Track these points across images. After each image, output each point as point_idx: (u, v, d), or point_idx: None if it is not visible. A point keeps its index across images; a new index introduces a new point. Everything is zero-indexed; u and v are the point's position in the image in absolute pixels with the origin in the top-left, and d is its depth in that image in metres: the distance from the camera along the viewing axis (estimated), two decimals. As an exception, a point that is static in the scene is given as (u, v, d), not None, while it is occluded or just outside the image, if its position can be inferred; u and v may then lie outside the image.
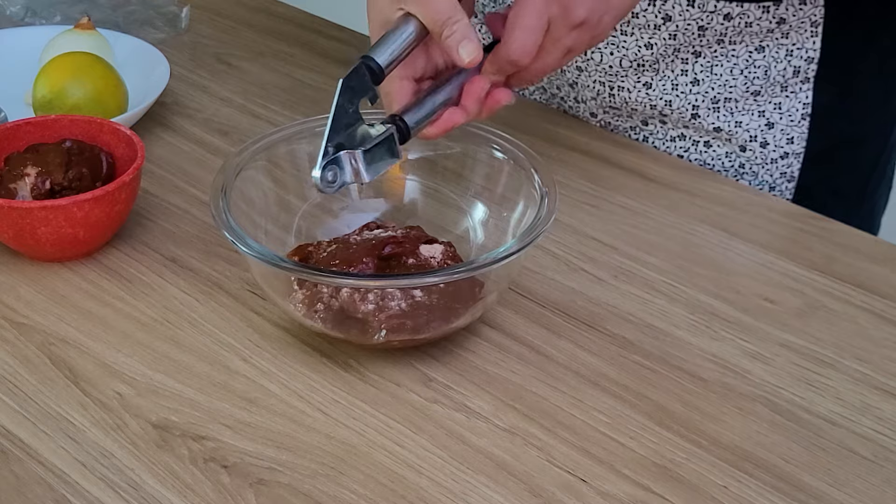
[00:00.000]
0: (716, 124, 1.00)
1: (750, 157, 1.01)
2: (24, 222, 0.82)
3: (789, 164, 1.01)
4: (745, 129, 1.00)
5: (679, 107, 0.99)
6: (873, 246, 0.90)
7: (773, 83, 0.97)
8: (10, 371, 0.76)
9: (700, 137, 1.01)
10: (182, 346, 0.78)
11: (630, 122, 1.03)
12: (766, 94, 0.98)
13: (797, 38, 0.95)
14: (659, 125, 1.02)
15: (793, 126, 0.99)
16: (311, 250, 0.80)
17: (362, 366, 0.76)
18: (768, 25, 0.94)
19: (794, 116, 0.99)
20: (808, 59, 0.96)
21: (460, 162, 0.86)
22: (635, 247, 0.89)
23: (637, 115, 1.02)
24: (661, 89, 0.99)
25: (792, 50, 0.96)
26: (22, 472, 0.68)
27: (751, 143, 1.00)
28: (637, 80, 0.99)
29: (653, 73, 0.98)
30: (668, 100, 0.99)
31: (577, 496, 0.67)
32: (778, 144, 1.00)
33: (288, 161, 0.85)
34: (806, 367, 0.77)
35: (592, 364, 0.77)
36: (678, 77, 0.98)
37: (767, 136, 1.00)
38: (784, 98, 0.98)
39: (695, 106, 0.99)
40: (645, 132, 1.03)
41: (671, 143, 1.02)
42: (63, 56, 1.00)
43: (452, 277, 0.73)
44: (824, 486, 0.69)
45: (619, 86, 1.00)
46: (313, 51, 1.19)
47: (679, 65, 0.98)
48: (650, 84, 0.99)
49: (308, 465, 0.69)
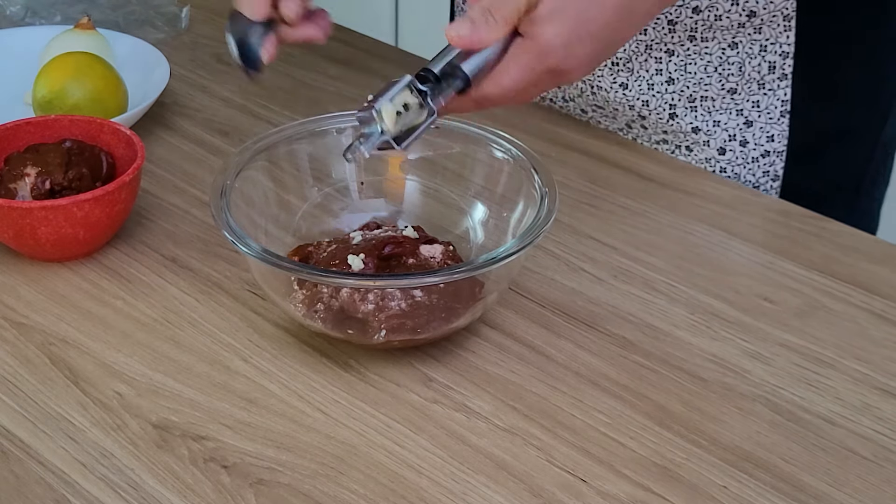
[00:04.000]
0: (694, 124, 1.00)
1: (730, 159, 1.00)
2: (24, 222, 0.82)
3: (772, 163, 1.00)
4: (723, 129, 0.99)
5: (656, 107, 0.99)
6: (873, 246, 0.90)
7: (749, 80, 0.97)
8: (10, 371, 0.76)
9: (680, 142, 1.01)
10: (182, 346, 0.78)
11: (616, 123, 1.04)
12: (744, 92, 0.98)
13: (770, 32, 0.95)
14: (641, 130, 1.02)
15: (772, 123, 0.99)
16: (311, 250, 0.80)
17: (362, 366, 0.76)
18: (739, 19, 0.94)
19: (773, 114, 0.98)
20: (783, 55, 0.95)
21: (460, 162, 0.86)
22: (635, 247, 0.89)
23: (620, 115, 1.02)
24: (637, 89, 0.99)
25: (766, 45, 0.95)
26: (22, 472, 0.68)
27: (730, 142, 1.00)
28: (613, 80, 0.99)
29: (628, 72, 0.99)
30: (644, 100, 0.99)
31: (577, 496, 0.67)
32: (758, 143, 0.99)
33: (288, 161, 0.85)
34: (806, 367, 0.77)
35: (592, 364, 0.77)
36: (653, 77, 0.98)
37: (746, 134, 0.99)
38: (762, 95, 0.98)
39: (672, 105, 0.99)
40: (631, 134, 1.03)
41: (655, 147, 1.02)
42: (63, 56, 1.00)
43: (452, 277, 0.73)
44: (824, 486, 0.69)
45: (597, 85, 1.01)
46: (313, 51, 1.19)
47: (653, 63, 0.98)
48: (626, 85, 0.99)
49: (308, 465, 0.69)
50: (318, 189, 0.86)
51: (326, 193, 0.87)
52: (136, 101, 1.02)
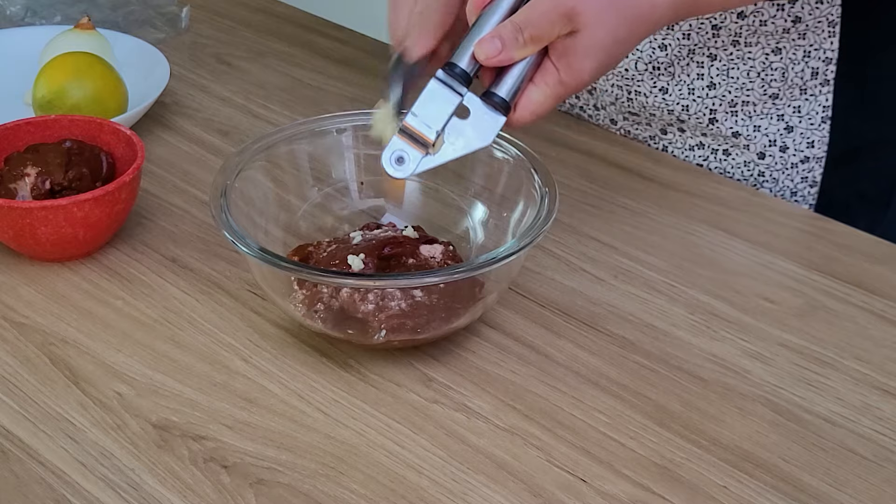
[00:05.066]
0: (734, 129, 0.99)
1: (770, 164, 0.99)
2: (24, 222, 0.82)
3: (810, 169, 0.99)
4: (763, 134, 0.98)
5: (696, 111, 0.99)
6: (873, 246, 0.89)
7: (791, 86, 0.96)
8: (10, 371, 0.76)
9: (718, 146, 1.00)
10: (182, 346, 0.78)
11: (649, 130, 1.03)
12: (785, 98, 0.97)
13: (814, 38, 0.94)
14: (678, 133, 1.01)
15: (813, 129, 0.98)
16: (311, 250, 0.80)
17: (362, 366, 0.76)
18: (784, 25, 0.93)
19: (813, 119, 0.97)
20: (827, 60, 0.95)
21: (460, 162, 0.85)
22: (635, 247, 0.89)
23: (656, 121, 1.01)
24: (677, 94, 0.98)
25: (809, 51, 0.95)
26: (22, 472, 0.68)
27: (770, 147, 0.99)
28: (653, 85, 0.99)
29: (669, 76, 0.98)
30: (685, 104, 0.99)
31: (577, 496, 0.67)
32: (798, 149, 0.99)
33: (288, 161, 0.85)
34: (806, 367, 0.77)
35: (592, 364, 0.77)
36: (694, 81, 0.97)
37: (787, 140, 0.98)
38: (803, 101, 0.97)
39: (712, 110, 0.98)
40: (664, 141, 1.02)
41: (690, 153, 1.02)
42: (63, 56, 1.00)
43: (452, 277, 0.73)
44: (824, 486, 0.69)
45: (636, 90, 1.00)
46: (313, 51, 1.19)
47: (695, 68, 0.97)
48: (666, 89, 0.98)
49: (308, 465, 0.69)
50: (318, 189, 0.86)
51: (326, 193, 0.87)
52: (136, 101, 1.02)
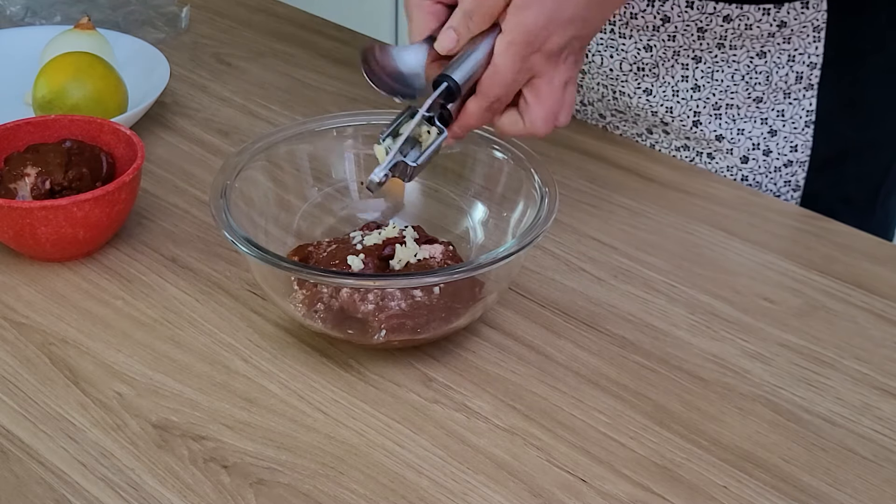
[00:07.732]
0: (717, 132, 0.99)
1: (753, 168, 1.00)
2: (24, 222, 0.82)
3: (793, 173, 1.00)
4: (747, 137, 0.99)
5: (680, 113, 0.99)
6: (873, 246, 0.89)
7: (775, 89, 0.96)
8: (10, 371, 0.76)
9: (703, 149, 1.00)
10: (182, 346, 0.78)
11: (636, 128, 1.03)
12: (769, 101, 0.97)
13: (799, 42, 0.94)
14: (662, 135, 1.01)
15: (796, 133, 0.98)
16: (311, 250, 0.80)
17: (362, 366, 0.76)
18: (769, 29, 0.93)
19: (797, 123, 0.97)
20: (811, 65, 0.95)
21: (460, 162, 0.86)
22: (635, 247, 0.89)
23: (641, 121, 1.02)
24: (661, 95, 0.98)
25: (794, 55, 0.95)
26: (22, 472, 0.68)
27: (753, 151, 0.99)
28: (637, 86, 0.99)
29: (653, 78, 0.98)
30: (668, 106, 0.99)
31: (577, 496, 0.67)
32: (781, 152, 0.99)
33: (288, 161, 0.85)
34: (806, 367, 0.77)
35: (592, 364, 0.77)
36: (679, 83, 0.98)
37: (770, 143, 0.99)
38: (787, 105, 0.97)
39: (696, 112, 0.98)
40: (651, 140, 1.03)
41: (676, 153, 1.02)
42: (63, 56, 1.00)
43: (452, 277, 0.73)
44: (824, 486, 0.69)
45: (620, 90, 1.00)
46: (313, 51, 1.19)
47: (679, 70, 0.97)
48: (650, 90, 0.99)
49: (308, 465, 0.69)
50: (318, 189, 0.86)
51: (326, 193, 0.87)
52: (136, 101, 1.02)
